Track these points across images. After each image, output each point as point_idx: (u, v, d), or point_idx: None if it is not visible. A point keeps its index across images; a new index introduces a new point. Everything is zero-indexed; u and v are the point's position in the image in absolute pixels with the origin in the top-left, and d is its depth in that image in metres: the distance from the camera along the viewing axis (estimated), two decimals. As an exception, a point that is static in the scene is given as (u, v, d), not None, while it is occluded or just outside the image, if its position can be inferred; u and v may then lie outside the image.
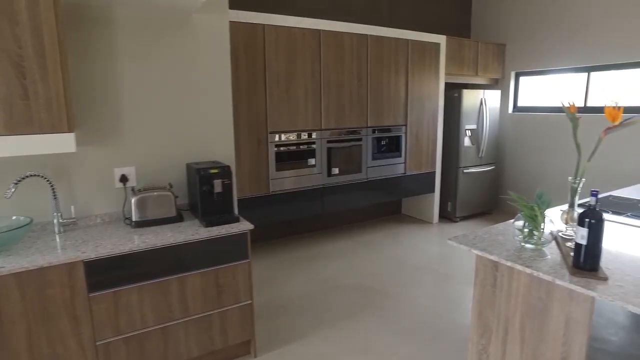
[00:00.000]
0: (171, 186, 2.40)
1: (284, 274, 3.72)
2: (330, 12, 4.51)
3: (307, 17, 4.09)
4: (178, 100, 2.53)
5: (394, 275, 3.65)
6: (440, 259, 4.02)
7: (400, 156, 4.62)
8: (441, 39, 4.77)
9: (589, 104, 4.77)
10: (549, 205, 1.86)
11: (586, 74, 4.76)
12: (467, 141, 5.07)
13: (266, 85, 3.68)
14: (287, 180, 3.92)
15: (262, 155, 3.76)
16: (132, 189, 2.35)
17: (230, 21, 3.37)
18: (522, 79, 5.50)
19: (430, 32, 4.90)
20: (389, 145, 4.52)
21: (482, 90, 5.10)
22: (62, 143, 1.91)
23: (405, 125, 4.61)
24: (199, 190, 2.29)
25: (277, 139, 3.80)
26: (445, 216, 5.30)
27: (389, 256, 4.11)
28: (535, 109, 5.32)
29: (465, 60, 5.09)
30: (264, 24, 3.59)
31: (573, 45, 4.75)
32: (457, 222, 5.24)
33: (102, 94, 2.30)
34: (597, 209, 1.58)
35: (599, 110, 4.62)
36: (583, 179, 1.95)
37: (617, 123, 1.86)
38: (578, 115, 1.94)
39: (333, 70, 4.01)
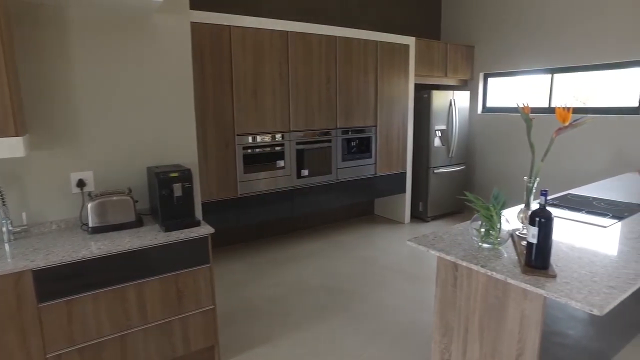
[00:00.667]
0: (130, 190, 2.34)
1: (253, 277, 3.68)
2: (298, 13, 4.50)
3: (275, 18, 4.07)
4: (138, 103, 2.47)
5: (364, 276, 3.66)
6: (410, 259, 4.05)
7: (370, 157, 4.64)
8: (410, 41, 4.81)
9: (553, 105, 4.89)
10: (504, 205, 1.89)
11: (550, 75, 4.88)
12: (437, 141, 5.13)
13: (233, 87, 3.64)
14: (256, 183, 3.89)
15: (230, 157, 3.71)
16: (89, 194, 2.29)
17: (195, 22, 3.33)
18: (490, 80, 5.60)
19: (400, 34, 4.93)
20: (359, 146, 4.53)
21: (451, 91, 5.17)
22: (10, 147, 1.84)
23: (375, 126, 4.63)
24: (159, 194, 2.24)
25: (244, 141, 3.77)
26: (417, 216, 5.35)
27: (359, 257, 4.12)
28: (503, 109, 5.43)
29: (435, 62, 5.16)
30: (230, 25, 3.55)
31: (538, 47, 4.86)
32: (428, 221, 5.30)
33: (56, 97, 2.23)
34: (547, 208, 1.61)
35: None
36: (537, 179, 1.98)
37: (567, 124, 1.90)
38: (532, 115, 1.98)
39: (301, 71, 4.00)
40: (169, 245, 2.12)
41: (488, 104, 5.66)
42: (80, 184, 2.34)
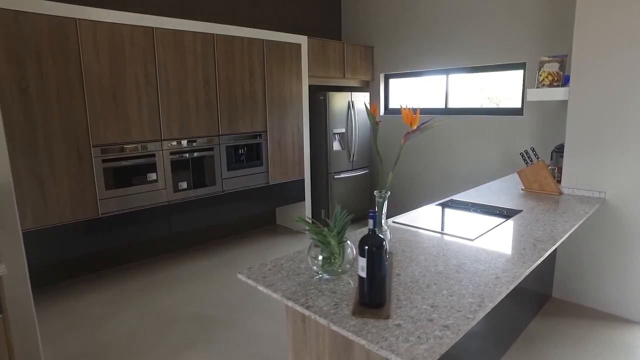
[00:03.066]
0: None
1: (116, 309, 3.18)
2: (171, 9, 4.04)
3: (139, 12, 3.60)
4: None
5: (244, 299, 3.29)
6: (303, 274, 3.75)
7: (261, 165, 4.28)
8: (302, 40, 4.53)
9: (450, 106, 4.85)
10: (345, 226, 1.61)
11: (445, 75, 4.83)
12: (336, 145, 4.90)
13: (85, 91, 3.12)
14: (122, 200, 3.39)
15: (86, 172, 3.19)
16: None
17: (19, 11, 2.78)
18: (391, 80, 5.48)
19: (299, 34, 4.62)
20: (247, 153, 4.16)
21: (349, 93, 4.97)
22: None
23: (265, 131, 4.28)
24: None
25: (104, 152, 3.26)
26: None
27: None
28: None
29: (331, 62, 4.92)
30: (76, 18, 3.03)
31: (433, 48, 4.79)
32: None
33: None
34: (378, 234, 1.34)
35: (460, 111, 4.70)
36: (388, 192, 1.73)
37: (415, 127, 1.67)
38: (379, 119, 1.73)
39: (173, 73, 3.56)
40: None
41: (390, 105, 5.54)
42: None
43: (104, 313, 3.12)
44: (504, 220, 2.34)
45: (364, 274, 1.31)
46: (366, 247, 1.30)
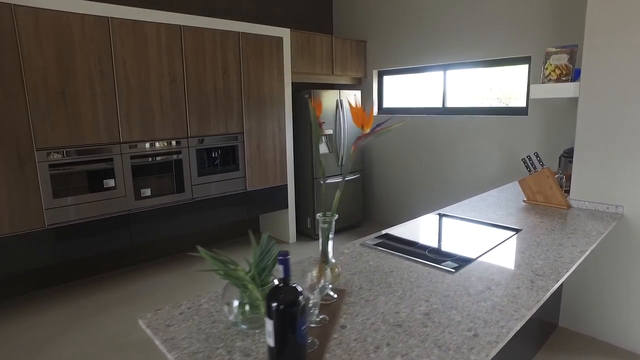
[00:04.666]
0: None
1: (60, 331, 2.80)
2: (140, -3, 3.68)
3: (94, 0, 3.24)
4: None
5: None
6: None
7: (237, 170, 3.90)
8: (284, 33, 4.14)
9: (447, 105, 4.42)
10: (272, 263, 1.22)
11: (442, 72, 4.40)
12: (323, 148, 4.50)
13: (26, 87, 2.77)
14: (74, 209, 3.03)
15: (29, 178, 2.84)
16: None
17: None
18: (385, 78, 5.07)
19: (284, 27, 4.23)
20: (222, 158, 3.78)
21: (337, 91, 4.56)
22: None
23: (242, 133, 3.89)
24: None
25: (51, 157, 2.91)
26: (305, 233, 4.70)
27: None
28: (402, 110, 4.90)
29: (318, 58, 4.52)
30: (11, 4, 2.68)
31: (430, 42, 4.36)
32: (318, 239, 4.64)
33: None
34: (292, 284, 0.94)
35: (458, 111, 4.27)
36: (336, 215, 1.34)
37: (368, 130, 1.27)
38: (322, 121, 1.33)
39: (133, 68, 3.20)
40: None
41: (385, 105, 5.12)
42: None
43: (47, 337, 2.76)
44: (498, 242, 1.92)
45: (272, 342, 0.91)
46: (274, 305, 0.90)
